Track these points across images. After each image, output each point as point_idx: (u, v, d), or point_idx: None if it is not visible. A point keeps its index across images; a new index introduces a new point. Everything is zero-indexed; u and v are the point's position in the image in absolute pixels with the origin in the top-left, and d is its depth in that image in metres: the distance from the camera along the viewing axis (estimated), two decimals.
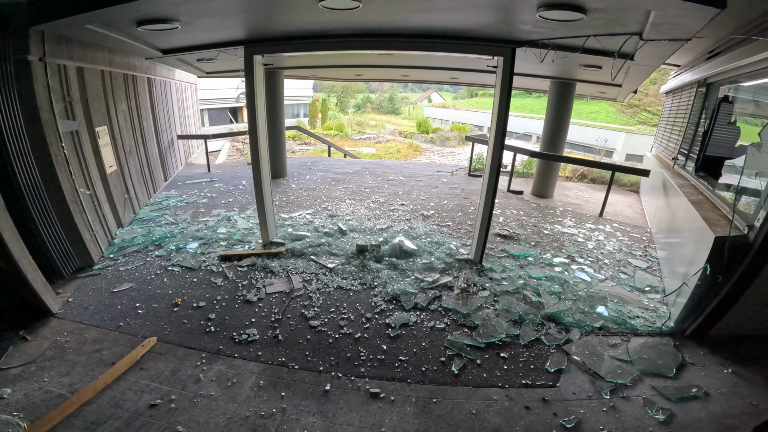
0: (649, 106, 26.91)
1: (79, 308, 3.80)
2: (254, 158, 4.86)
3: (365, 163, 11.05)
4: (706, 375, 3.13)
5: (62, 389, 2.81)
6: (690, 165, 5.83)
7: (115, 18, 3.55)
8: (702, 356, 3.35)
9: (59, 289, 4.06)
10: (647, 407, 2.80)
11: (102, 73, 5.39)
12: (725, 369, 3.18)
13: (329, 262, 4.74)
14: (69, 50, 4.48)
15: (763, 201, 3.21)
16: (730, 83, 5.22)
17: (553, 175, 8.21)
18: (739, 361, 3.25)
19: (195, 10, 3.35)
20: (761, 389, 2.95)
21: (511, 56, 3.98)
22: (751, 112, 4.94)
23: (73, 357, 3.15)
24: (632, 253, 5.48)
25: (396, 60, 6.28)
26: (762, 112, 4.63)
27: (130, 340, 3.39)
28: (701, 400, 2.86)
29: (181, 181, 8.33)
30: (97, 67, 5.21)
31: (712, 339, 3.53)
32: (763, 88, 4.54)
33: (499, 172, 4.49)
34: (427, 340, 3.51)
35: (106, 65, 5.44)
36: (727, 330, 3.52)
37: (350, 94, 45.62)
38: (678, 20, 2.70)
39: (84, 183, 4.75)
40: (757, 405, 2.78)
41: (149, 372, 3.04)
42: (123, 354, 3.18)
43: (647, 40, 3.25)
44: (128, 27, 3.86)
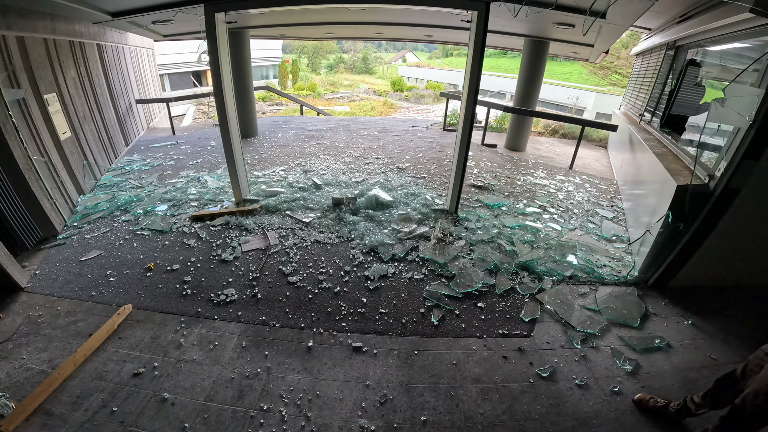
0: (620, 68, 27.24)
1: (47, 280, 3.67)
2: (221, 115, 4.64)
3: (339, 120, 10.81)
4: (667, 326, 3.30)
5: (42, 365, 2.75)
6: (655, 121, 5.98)
7: None
8: (663, 307, 3.54)
9: (25, 262, 3.89)
10: (615, 358, 2.97)
11: (45, 41, 4.97)
12: (685, 320, 3.36)
13: (305, 217, 4.68)
14: (6, 20, 4.11)
15: (724, 152, 3.35)
16: (698, 47, 5.31)
17: (525, 130, 8.30)
18: (698, 313, 3.44)
19: None
20: (719, 342, 3.12)
21: (486, 11, 3.88)
22: (716, 75, 5.07)
23: (48, 331, 3.06)
24: (600, 204, 5.67)
25: (368, 16, 6.01)
26: (726, 75, 4.75)
27: (104, 309, 3.31)
28: (664, 352, 3.04)
29: (144, 145, 7.94)
30: (39, 36, 4.80)
31: (672, 290, 3.72)
32: (728, 53, 4.65)
33: (473, 123, 4.47)
34: (406, 291, 3.58)
35: (49, 33, 5.01)
36: (687, 281, 3.72)
37: (322, 54, 43.92)
38: None
39: (37, 150, 4.47)
40: (716, 359, 2.96)
41: (128, 341, 3.00)
42: (99, 324, 3.11)
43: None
44: None
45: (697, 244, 3.49)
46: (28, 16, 4.51)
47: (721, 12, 3.80)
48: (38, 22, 4.74)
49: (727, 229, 3.38)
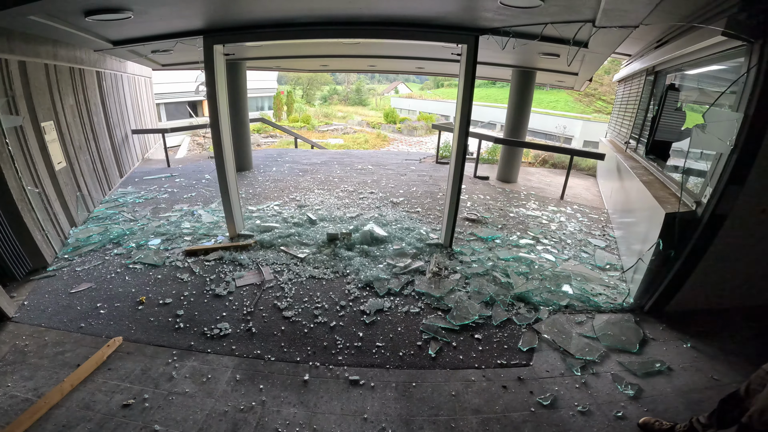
0: (604, 95, 28.18)
1: (35, 311, 3.61)
2: (217, 150, 4.69)
3: (333, 154, 10.94)
4: (667, 350, 3.31)
5: (27, 393, 2.68)
6: (641, 149, 6.16)
7: (60, 8, 3.32)
8: (661, 331, 3.56)
9: (13, 293, 3.84)
10: (617, 383, 2.95)
11: (46, 67, 5.05)
12: (684, 344, 3.38)
13: (300, 252, 4.69)
14: (10, 44, 4.18)
15: (708, 178, 3.46)
16: (676, 71, 5.53)
17: (516, 161, 8.47)
18: (696, 336, 3.46)
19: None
20: (720, 363, 3.14)
21: (475, 44, 4.05)
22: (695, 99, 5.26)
23: (34, 360, 3.00)
24: (592, 233, 5.75)
25: (362, 49, 6.23)
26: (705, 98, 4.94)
27: (93, 340, 3.24)
28: (665, 375, 3.04)
29: (139, 177, 7.95)
30: (40, 61, 4.88)
31: (669, 314, 3.75)
32: (705, 76, 4.84)
33: (465, 157, 4.58)
34: (403, 324, 3.56)
35: (51, 59, 5.10)
36: (683, 305, 3.75)
37: (316, 86, 44.88)
38: (627, 6, 2.83)
39: (32, 181, 4.47)
40: (719, 379, 2.97)
41: (118, 372, 2.93)
42: (87, 355, 3.04)
43: (599, 27, 3.39)
44: (75, 17, 3.61)
45: (690, 270, 3.55)
46: (32, 41, 4.59)
47: (695, 36, 3.98)
48: (41, 47, 4.83)
49: (718, 253, 3.44)
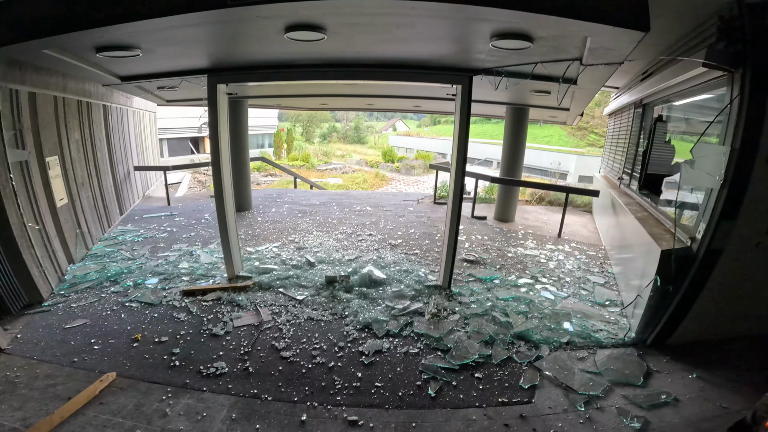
0: (596, 128, 28.91)
1: (28, 344, 3.59)
2: (217, 190, 4.75)
3: (332, 194, 11.05)
4: (672, 381, 3.27)
5: (15, 423, 2.62)
6: (634, 184, 6.26)
7: (74, 44, 3.48)
8: (666, 363, 3.52)
9: (7, 326, 3.82)
10: (622, 416, 2.89)
11: (55, 99, 5.19)
12: (690, 374, 3.34)
13: (298, 294, 4.67)
14: (22, 74, 4.31)
15: (701, 214, 3.51)
16: (663, 103, 5.69)
17: (513, 200, 8.56)
18: (702, 366, 3.43)
19: (157, 39, 3.34)
20: (728, 392, 3.10)
21: (469, 84, 4.21)
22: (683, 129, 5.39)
23: (24, 392, 2.96)
24: (590, 270, 5.75)
25: (360, 89, 6.46)
26: (693, 129, 5.06)
27: (86, 375, 3.20)
28: (672, 406, 2.99)
29: (139, 215, 7.99)
30: (50, 93, 5.02)
31: (672, 346, 3.72)
32: (692, 107, 4.98)
33: (462, 197, 4.64)
34: (402, 365, 3.49)
35: (60, 91, 5.25)
36: (686, 337, 3.72)
37: (316, 123, 45.95)
38: (610, 44, 2.99)
39: (33, 217, 4.50)
40: (728, 407, 2.92)
41: (110, 407, 2.87)
42: (79, 389, 2.98)
43: (586, 65, 3.56)
44: (87, 53, 3.78)
45: (690, 303, 3.55)
46: (42, 72, 4.72)
47: (678, 68, 4.10)
48: (51, 78, 4.95)
49: (717, 286, 3.46)
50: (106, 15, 2.85)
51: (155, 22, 2.81)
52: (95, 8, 2.87)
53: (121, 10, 2.81)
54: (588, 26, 2.60)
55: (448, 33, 3.19)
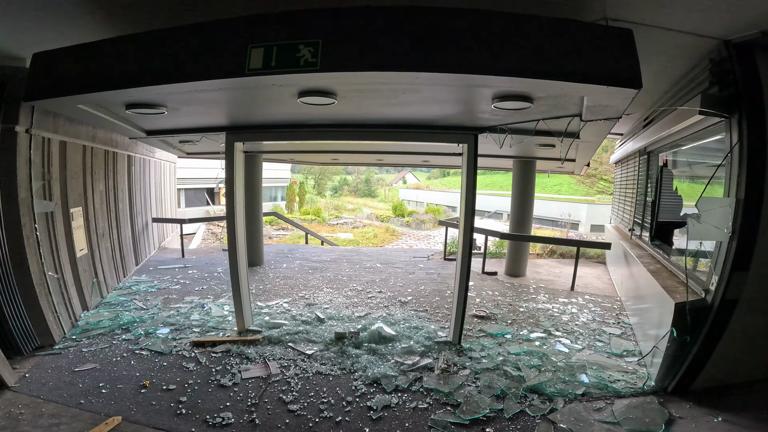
0: (605, 174, 28.98)
1: (36, 383, 3.62)
2: (231, 245, 4.87)
3: (342, 251, 11.14)
4: (696, 426, 3.14)
5: None
6: (645, 234, 6.23)
7: (106, 101, 3.76)
8: (689, 409, 3.39)
9: (16, 365, 3.87)
10: None
11: (84, 149, 5.47)
12: (715, 418, 3.21)
13: (308, 349, 4.63)
14: (55, 124, 4.58)
15: (713, 266, 3.48)
16: (668, 149, 5.72)
17: (524, 254, 8.48)
18: (728, 409, 3.30)
19: (182, 99, 3.61)
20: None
21: (474, 142, 4.38)
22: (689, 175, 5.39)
23: (27, 429, 2.97)
24: (606, 322, 5.60)
25: (370, 146, 6.73)
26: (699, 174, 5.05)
27: (92, 417, 3.19)
28: None
29: (154, 266, 8.14)
30: (80, 142, 5.31)
31: (695, 392, 3.58)
32: (696, 153, 5.01)
33: (471, 253, 4.66)
34: (410, 420, 3.38)
35: (89, 140, 5.55)
36: (709, 382, 3.59)
37: (328, 176, 47.21)
38: (606, 102, 3.13)
39: (53, 266, 4.65)
40: None
41: None
42: (83, 430, 2.97)
43: (586, 121, 3.71)
44: (117, 108, 4.05)
45: (710, 351, 3.46)
46: (74, 122, 5.02)
47: (676, 116, 4.17)
48: (81, 128, 5.24)
49: (735, 334, 3.37)
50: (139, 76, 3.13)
51: (182, 86, 3.08)
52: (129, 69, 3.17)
53: (152, 74, 3.08)
54: (582, 87, 2.77)
55: (451, 97, 3.41)
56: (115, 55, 3.23)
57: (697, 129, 4.15)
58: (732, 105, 3.21)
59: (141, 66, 3.14)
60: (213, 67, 2.93)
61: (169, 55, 3.05)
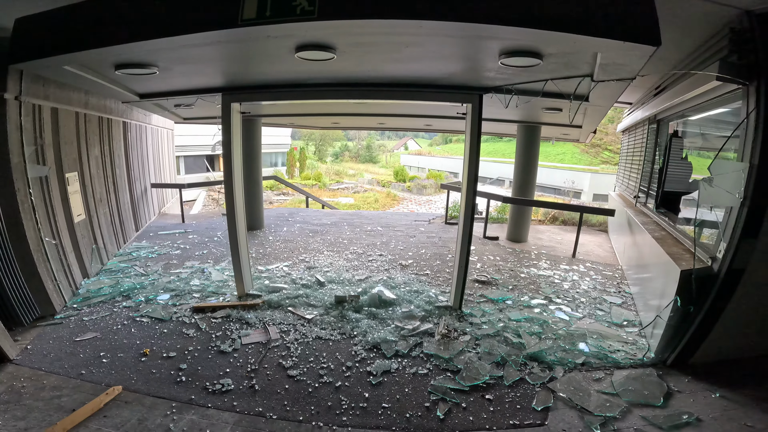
0: (610, 144, 28.58)
1: (38, 355, 3.62)
2: (229, 209, 4.80)
3: (343, 214, 11.08)
4: (694, 401, 3.14)
5: None
6: (650, 202, 6.12)
7: (93, 61, 3.60)
8: (687, 383, 3.39)
9: (18, 337, 3.86)
10: None
11: (76, 115, 5.34)
12: (713, 394, 3.21)
13: (307, 313, 4.63)
14: (45, 90, 4.45)
15: (721, 233, 3.40)
16: (678, 118, 5.58)
17: (526, 220, 8.44)
18: (725, 385, 3.30)
19: (173, 57, 3.43)
20: (754, 410, 2.98)
21: (479, 102, 4.21)
22: (700, 145, 5.26)
23: (29, 402, 2.96)
24: (606, 290, 5.59)
25: (371, 108, 6.53)
26: (710, 144, 4.94)
27: (92, 388, 3.20)
28: (694, 426, 2.86)
29: (154, 232, 8.11)
30: (72, 109, 5.17)
31: (694, 366, 3.58)
32: (708, 121, 4.87)
33: (474, 217, 4.59)
34: (410, 386, 3.40)
35: (82, 107, 5.41)
36: (708, 356, 3.58)
37: (328, 142, 46.60)
38: (621, 60, 2.95)
39: (50, 232, 4.59)
40: (753, 426, 2.80)
41: (113, 420, 2.85)
42: (84, 401, 2.98)
43: (598, 81, 3.53)
44: (106, 70, 3.90)
45: (712, 322, 3.42)
46: (66, 88, 4.87)
47: (691, 82, 4.02)
48: (73, 94, 5.11)
49: (740, 305, 3.33)
50: (125, 32, 2.95)
51: (171, 40, 2.90)
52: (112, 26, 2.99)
53: (139, 28, 2.91)
54: (597, 42, 2.59)
55: (457, 51, 3.22)
56: (100, 11, 3.05)
57: (711, 96, 4.00)
58: (751, 73, 3.09)
59: (127, 21, 2.97)
60: (204, 18, 2.75)
61: (157, 8, 2.86)
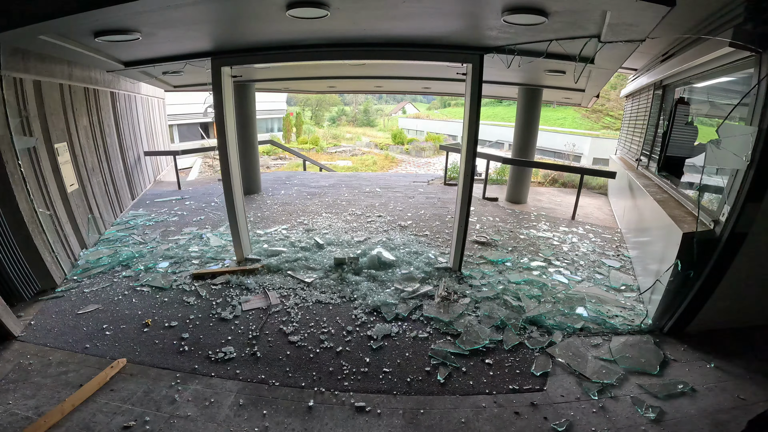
0: (611, 110, 28.05)
1: (42, 331, 3.62)
2: (224, 173, 4.71)
3: (341, 176, 10.98)
4: (689, 371, 3.18)
5: (28, 411, 2.65)
6: (653, 165, 6.05)
7: (70, 29, 3.40)
8: (683, 352, 3.42)
9: (20, 312, 3.86)
10: (636, 406, 2.82)
11: (61, 87, 5.15)
12: (708, 364, 3.25)
13: (307, 277, 4.64)
14: (25, 63, 4.27)
15: (726, 196, 3.35)
16: (684, 84, 5.45)
17: (525, 181, 8.38)
18: (721, 356, 3.33)
19: (156, 21, 3.23)
20: (747, 383, 3.01)
21: (480, 63, 4.04)
22: (705, 112, 5.15)
23: (38, 379, 2.99)
24: (605, 254, 5.61)
25: (368, 70, 6.30)
26: (716, 112, 4.84)
27: (98, 361, 3.22)
28: (689, 396, 2.90)
29: (150, 200, 8.03)
30: (55, 81, 4.98)
31: (690, 335, 3.61)
32: (715, 88, 4.75)
33: (473, 178, 4.52)
34: (411, 350, 3.45)
35: (66, 79, 5.21)
36: (705, 325, 3.61)
37: (325, 107, 45.63)
38: (632, 20, 2.79)
39: (43, 203, 4.51)
40: (746, 399, 2.83)
41: (120, 393, 2.89)
42: (90, 376, 3.00)
43: (605, 42, 3.36)
44: (85, 38, 3.69)
45: (711, 289, 3.42)
46: (47, 60, 4.68)
47: (701, 48, 3.91)
48: (56, 66, 4.91)
49: (740, 272, 3.31)
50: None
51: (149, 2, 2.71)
52: None
53: None
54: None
55: (457, 7, 3.03)
56: None
57: (721, 63, 3.88)
58: (764, 41, 2.95)
59: None
60: None
61: None
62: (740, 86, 3.79)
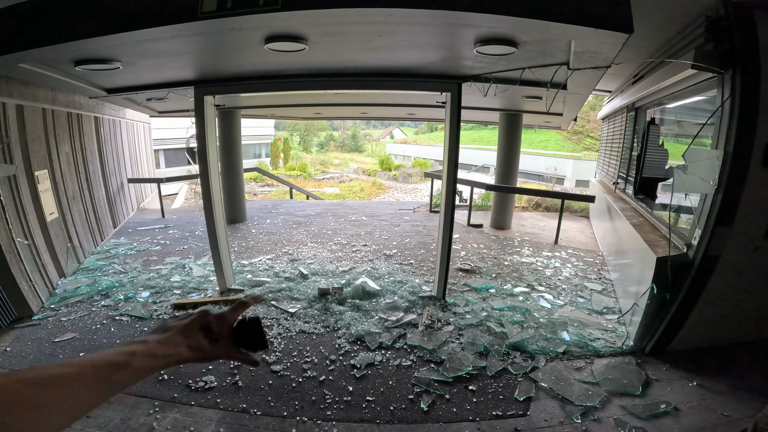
0: (592, 132, 28.88)
1: (17, 357, 3.55)
2: (206, 202, 4.69)
3: (328, 204, 10.99)
4: (672, 390, 3.21)
5: None
6: (629, 189, 6.21)
7: (50, 57, 3.45)
8: (665, 372, 3.45)
9: None
10: (620, 428, 2.81)
11: (44, 112, 5.14)
12: (690, 382, 3.28)
13: (290, 307, 4.60)
14: (9, 87, 4.29)
15: (696, 220, 3.45)
16: (655, 106, 5.66)
17: (509, 207, 8.49)
18: (702, 374, 3.37)
19: (136, 52, 3.29)
20: (730, 399, 3.04)
21: (458, 91, 4.17)
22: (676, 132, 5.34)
23: None
24: (588, 277, 5.68)
25: (353, 98, 6.43)
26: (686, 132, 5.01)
27: None
28: (672, 416, 2.91)
29: (132, 228, 7.92)
30: (38, 105, 4.98)
31: (671, 354, 3.65)
32: (684, 109, 4.94)
33: (454, 206, 4.58)
34: (394, 378, 3.42)
35: (49, 103, 5.21)
36: (686, 344, 3.65)
37: (313, 132, 46.03)
38: (595, 48, 2.93)
39: (21, 232, 4.44)
40: (729, 416, 2.86)
41: (97, 420, 2.80)
42: None
43: (574, 69, 3.51)
44: (65, 66, 3.73)
45: (688, 310, 3.48)
46: (30, 85, 4.69)
47: (668, 70, 4.04)
48: (39, 90, 4.92)
49: (715, 293, 3.40)
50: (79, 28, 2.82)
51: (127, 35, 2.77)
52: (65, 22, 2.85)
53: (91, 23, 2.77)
54: (569, 29, 2.56)
55: (431, 40, 3.16)
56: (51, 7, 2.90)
57: (687, 85, 4.05)
58: (725, 61, 3.10)
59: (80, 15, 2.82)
60: (159, 12, 2.62)
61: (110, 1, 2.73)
62: (708, 105, 3.94)
